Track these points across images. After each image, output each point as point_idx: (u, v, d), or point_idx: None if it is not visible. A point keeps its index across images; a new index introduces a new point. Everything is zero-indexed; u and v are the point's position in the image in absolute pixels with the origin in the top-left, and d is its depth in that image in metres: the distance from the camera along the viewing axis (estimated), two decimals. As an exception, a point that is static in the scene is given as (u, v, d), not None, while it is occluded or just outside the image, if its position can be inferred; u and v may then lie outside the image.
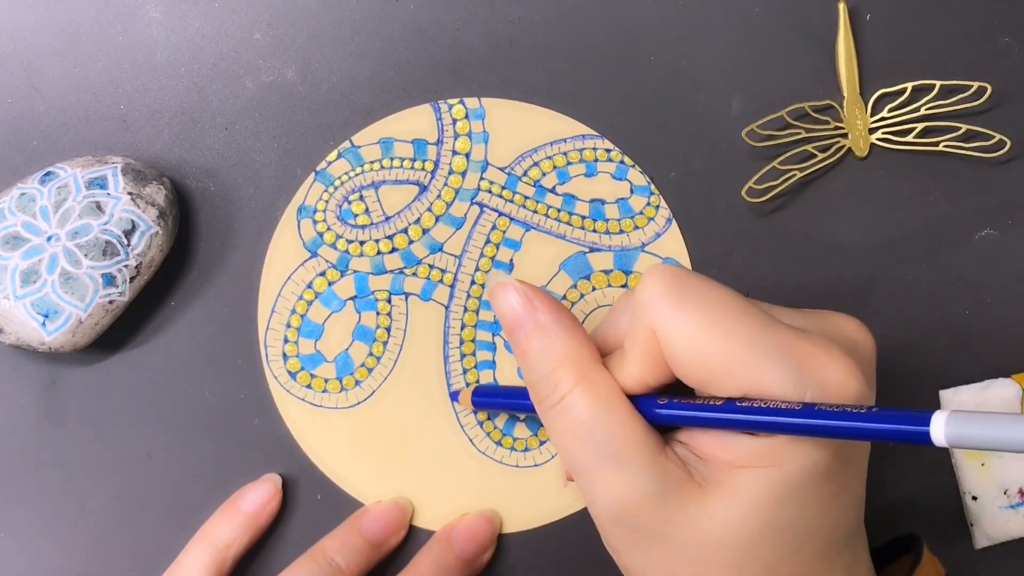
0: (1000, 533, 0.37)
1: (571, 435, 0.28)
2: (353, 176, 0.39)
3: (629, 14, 0.39)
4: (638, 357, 0.28)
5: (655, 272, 0.27)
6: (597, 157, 0.39)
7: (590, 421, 0.28)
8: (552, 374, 0.28)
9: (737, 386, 0.26)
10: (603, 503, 0.28)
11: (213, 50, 0.39)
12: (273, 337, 0.38)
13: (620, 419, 0.27)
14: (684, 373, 0.27)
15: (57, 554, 0.37)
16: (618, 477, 0.27)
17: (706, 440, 0.27)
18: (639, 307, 0.27)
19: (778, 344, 0.26)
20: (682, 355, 0.26)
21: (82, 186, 0.36)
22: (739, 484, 0.26)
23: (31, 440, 0.37)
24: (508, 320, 0.30)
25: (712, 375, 0.26)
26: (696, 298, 0.27)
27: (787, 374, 0.25)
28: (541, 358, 0.29)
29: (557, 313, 0.29)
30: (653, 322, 0.27)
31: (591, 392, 0.28)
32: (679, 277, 0.27)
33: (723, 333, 0.26)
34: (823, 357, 0.26)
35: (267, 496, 0.36)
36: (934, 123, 0.38)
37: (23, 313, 0.34)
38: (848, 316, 0.29)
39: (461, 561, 0.36)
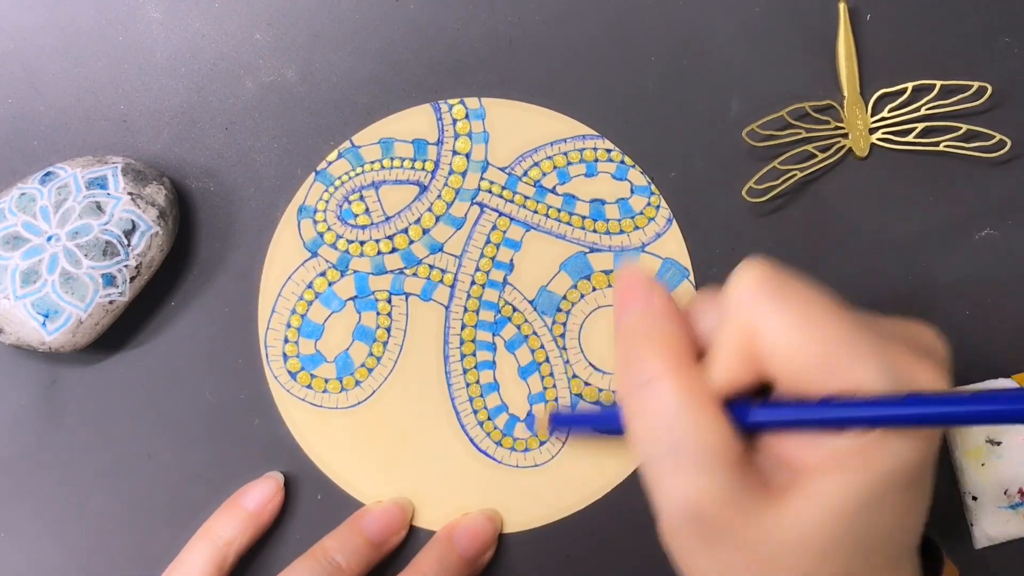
0: (1000, 533, 0.37)
1: (653, 421, 0.27)
2: (353, 176, 0.39)
3: (629, 14, 0.39)
4: (728, 356, 0.27)
5: (748, 269, 0.27)
6: (597, 157, 0.39)
7: (677, 410, 0.27)
8: (649, 354, 0.28)
9: (831, 383, 0.26)
10: (674, 497, 0.27)
11: (213, 50, 0.39)
12: (273, 337, 0.38)
13: (708, 416, 0.27)
14: (778, 370, 0.27)
15: (57, 554, 0.37)
16: (695, 474, 0.27)
17: (790, 443, 0.27)
18: (733, 305, 0.27)
19: (872, 344, 0.26)
20: (779, 351, 0.26)
21: (82, 186, 0.36)
22: (819, 489, 0.26)
23: (31, 440, 0.37)
24: (622, 297, 0.29)
25: (809, 373, 0.26)
26: (792, 295, 0.26)
27: (883, 374, 0.25)
28: (644, 337, 0.28)
29: (671, 303, 0.29)
30: (750, 317, 0.26)
31: (685, 382, 0.27)
32: (774, 274, 0.27)
33: (821, 331, 0.26)
34: (914, 361, 0.26)
35: (269, 494, 0.36)
36: (934, 123, 0.38)
37: (23, 313, 0.34)
38: (924, 324, 0.29)
39: (463, 560, 0.36)
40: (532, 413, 0.37)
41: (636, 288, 0.29)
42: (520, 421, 0.37)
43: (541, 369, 0.38)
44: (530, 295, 0.38)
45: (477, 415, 0.37)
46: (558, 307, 0.38)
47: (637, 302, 0.29)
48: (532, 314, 0.38)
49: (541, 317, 0.38)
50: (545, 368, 0.38)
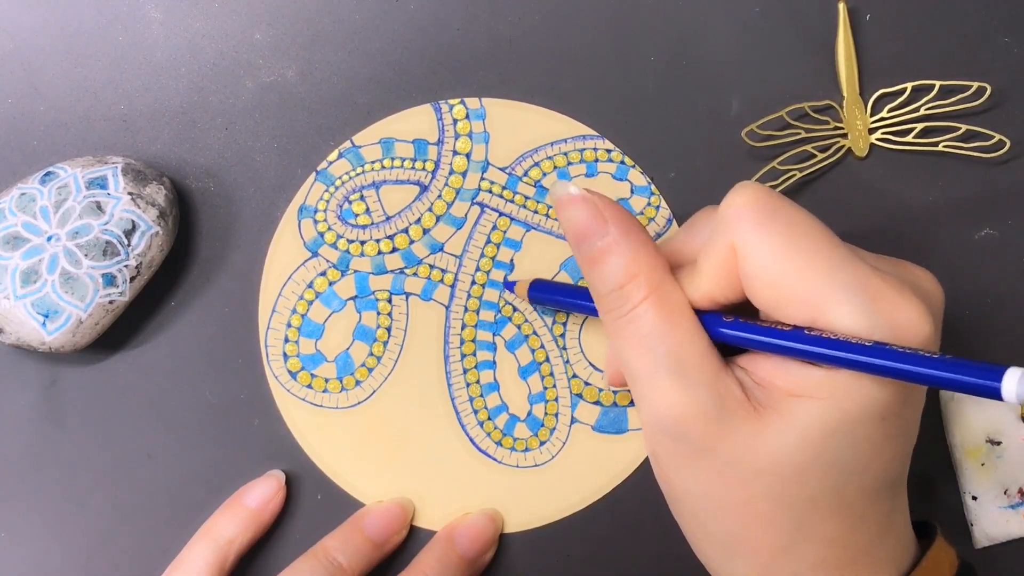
0: (1000, 533, 0.37)
1: (635, 344, 0.28)
2: (354, 176, 0.39)
3: (629, 14, 0.39)
4: (712, 271, 0.27)
5: (743, 188, 0.27)
6: (597, 157, 0.39)
7: (656, 331, 0.27)
8: (624, 287, 0.28)
9: (807, 314, 0.26)
10: (657, 412, 0.28)
11: (213, 50, 0.39)
12: (274, 337, 0.38)
13: (685, 331, 0.27)
14: (755, 293, 0.27)
15: (57, 554, 0.37)
16: (676, 388, 0.27)
17: (767, 365, 0.27)
18: (722, 221, 0.27)
19: (855, 279, 0.26)
20: (758, 273, 0.26)
21: (82, 186, 0.36)
22: (794, 413, 0.26)
23: (31, 440, 0.37)
24: (576, 233, 0.29)
25: (784, 299, 0.26)
26: (782, 219, 0.26)
27: (859, 310, 0.25)
28: (613, 272, 0.28)
29: (628, 224, 0.29)
30: (734, 237, 0.27)
31: (660, 303, 0.28)
32: (767, 195, 0.27)
33: (803, 258, 0.26)
34: (897, 298, 0.26)
35: (270, 492, 0.36)
36: (934, 123, 0.38)
37: (23, 313, 0.34)
38: (922, 268, 0.29)
39: (464, 560, 0.36)
40: (512, 281, 0.37)
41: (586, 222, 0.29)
42: (520, 421, 0.37)
43: (541, 369, 0.38)
44: (530, 295, 0.38)
45: (477, 415, 0.37)
46: (558, 307, 0.38)
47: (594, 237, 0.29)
48: (532, 314, 0.38)
49: (541, 317, 0.38)
50: (545, 368, 0.38)
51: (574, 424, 0.37)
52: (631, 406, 0.37)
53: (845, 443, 0.26)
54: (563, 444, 0.37)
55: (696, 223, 0.31)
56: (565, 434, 0.37)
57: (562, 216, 0.30)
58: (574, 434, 0.37)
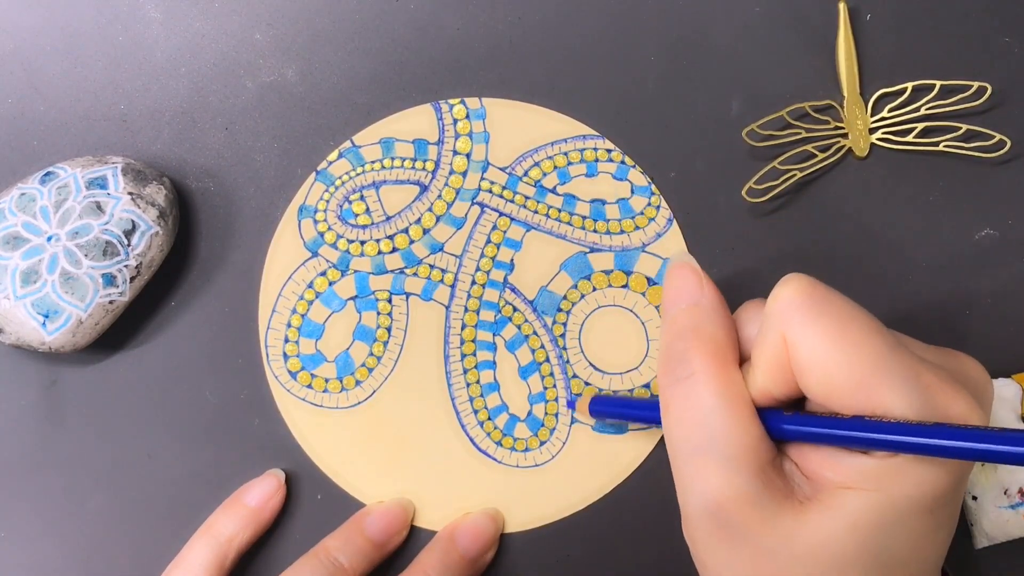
0: (1000, 533, 0.37)
1: (689, 414, 0.28)
2: (354, 176, 0.39)
3: (629, 14, 0.39)
4: (766, 365, 0.27)
5: (790, 281, 0.27)
6: (598, 157, 0.39)
7: (712, 407, 0.27)
8: (691, 349, 0.28)
9: (862, 404, 0.26)
10: (700, 492, 0.27)
11: (213, 50, 0.39)
12: (274, 337, 0.38)
13: (742, 416, 0.27)
14: (808, 384, 0.27)
15: (57, 554, 0.37)
16: (723, 471, 0.27)
17: (816, 457, 0.27)
18: (771, 315, 0.27)
19: (907, 369, 0.26)
20: (810, 364, 0.26)
21: (82, 186, 0.36)
22: (842, 503, 0.26)
23: (31, 440, 0.37)
24: (673, 291, 0.30)
25: (837, 388, 0.26)
26: (830, 310, 0.27)
27: (912, 400, 0.25)
28: (689, 332, 0.29)
29: (720, 303, 0.30)
30: (785, 331, 0.27)
31: (724, 381, 0.28)
32: (814, 287, 0.27)
33: (855, 349, 0.26)
34: (948, 390, 0.26)
35: (270, 491, 0.36)
36: (934, 123, 0.38)
37: (23, 313, 0.34)
38: (970, 357, 0.29)
39: (465, 560, 0.36)
40: (574, 395, 0.37)
41: (688, 283, 0.30)
42: (520, 421, 0.37)
43: (541, 369, 0.38)
44: (530, 295, 0.38)
45: (477, 415, 0.37)
46: (558, 307, 0.38)
47: (687, 297, 0.30)
48: (532, 314, 0.38)
49: (541, 317, 0.38)
50: (545, 368, 0.38)
51: (574, 424, 0.37)
52: (631, 406, 0.37)
53: (893, 534, 0.26)
54: (563, 444, 0.37)
55: (742, 317, 0.31)
56: (565, 434, 0.37)
57: (668, 279, 0.31)
58: (574, 434, 0.37)
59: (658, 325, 0.38)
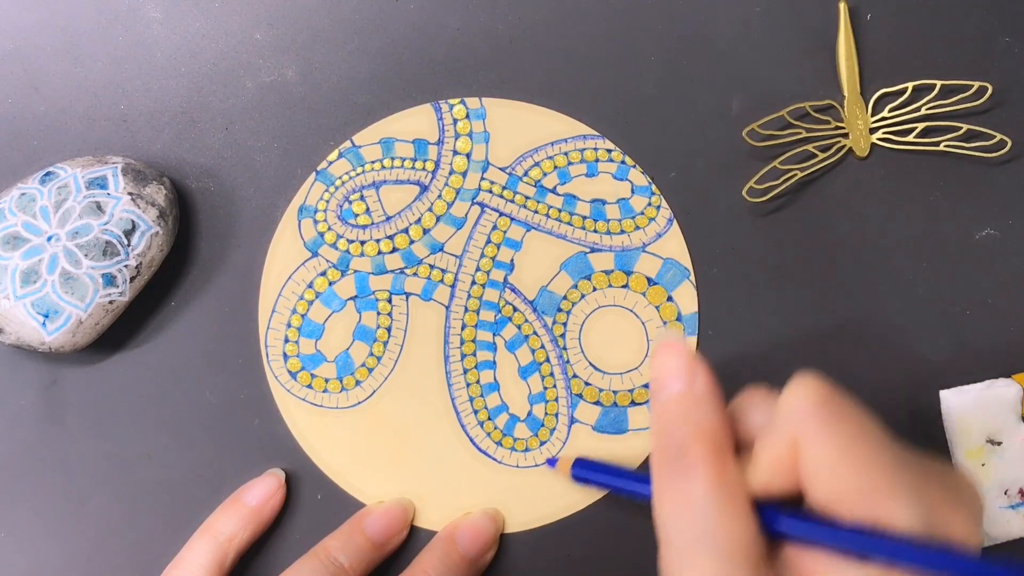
0: (1000, 533, 0.37)
1: (683, 507, 0.28)
2: (354, 176, 0.39)
3: (629, 14, 0.39)
4: (771, 463, 0.27)
5: (805, 383, 0.27)
6: (598, 157, 0.39)
7: (710, 502, 0.27)
8: (688, 442, 0.28)
9: (867, 513, 0.26)
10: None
11: (213, 50, 0.39)
12: (274, 337, 0.38)
13: (739, 512, 0.27)
14: (815, 488, 0.27)
15: (57, 554, 0.37)
16: (715, 567, 0.27)
17: (812, 562, 0.27)
18: (785, 415, 0.27)
19: (913, 484, 0.26)
20: (820, 470, 0.26)
21: (82, 186, 0.36)
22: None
23: (31, 440, 0.37)
24: (663, 374, 0.29)
25: (845, 496, 0.26)
26: (845, 420, 0.27)
27: (917, 511, 0.25)
28: (684, 422, 0.28)
29: (714, 388, 0.29)
30: (798, 433, 0.27)
31: (722, 475, 0.27)
32: (831, 395, 0.27)
33: (866, 460, 0.26)
34: (950, 509, 0.26)
35: (270, 490, 0.36)
36: (935, 123, 0.38)
37: (23, 313, 0.34)
38: (963, 474, 0.29)
39: (465, 560, 0.36)
40: (555, 457, 0.37)
41: (678, 364, 0.29)
42: (520, 421, 0.37)
43: (541, 369, 0.38)
44: (531, 295, 0.38)
45: (477, 415, 0.37)
46: (558, 307, 0.38)
47: (679, 380, 0.29)
48: (532, 314, 0.38)
49: (541, 317, 0.38)
50: (545, 368, 0.38)
51: (574, 424, 0.37)
52: (631, 406, 0.37)
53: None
54: (563, 444, 0.37)
55: (744, 404, 0.30)
56: (565, 434, 0.37)
57: (655, 359, 0.30)
58: (574, 434, 0.37)
59: (658, 325, 0.38)
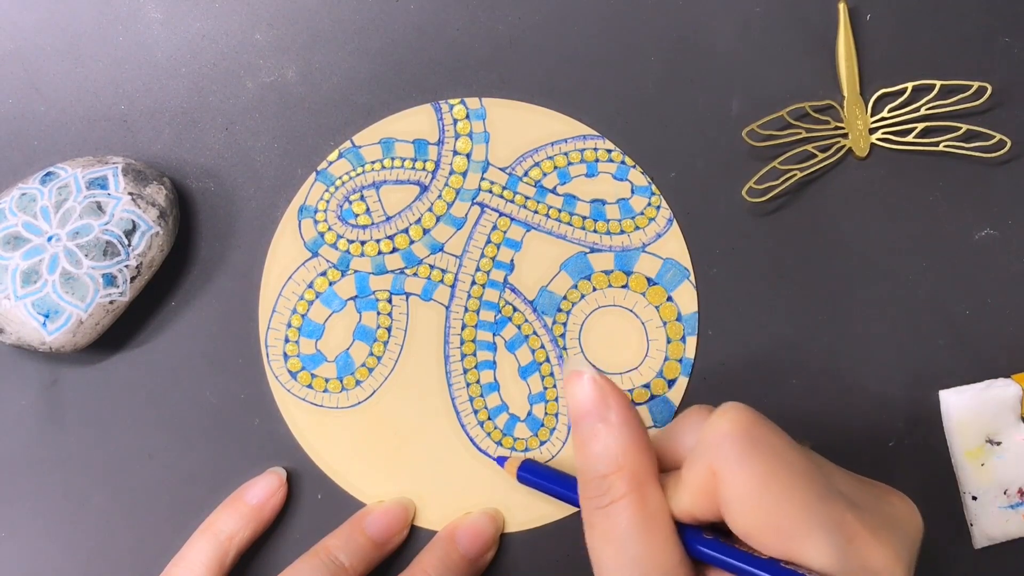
0: (1000, 533, 0.37)
1: (608, 540, 0.28)
2: (354, 176, 0.39)
3: (629, 14, 0.39)
4: (692, 490, 0.28)
5: (728, 412, 0.27)
6: (598, 157, 0.39)
7: (631, 533, 0.28)
8: (608, 476, 0.28)
9: (783, 547, 0.26)
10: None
11: (213, 50, 0.39)
12: (274, 337, 0.38)
13: (660, 540, 0.28)
14: (733, 519, 0.27)
15: (57, 554, 0.37)
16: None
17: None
18: (705, 444, 0.27)
19: (831, 518, 0.26)
20: (736, 501, 0.27)
21: (83, 186, 0.36)
22: None
23: (31, 440, 0.37)
24: (577, 409, 0.29)
25: (760, 529, 0.26)
26: (764, 450, 0.27)
27: (833, 549, 0.26)
28: (601, 458, 0.29)
29: (628, 414, 0.29)
30: (716, 463, 0.27)
31: (640, 505, 0.28)
32: (753, 424, 0.27)
33: (783, 492, 0.26)
34: (871, 540, 0.26)
35: (271, 489, 0.36)
36: (934, 123, 0.38)
37: (24, 313, 0.34)
38: (902, 495, 0.29)
39: (465, 560, 0.36)
40: (503, 457, 0.37)
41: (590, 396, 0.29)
42: (520, 421, 0.37)
43: (541, 369, 0.38)
44: (530, 295, 0.38)
45: (477, 415, 0.37)
46: (558, 307, 0.38)
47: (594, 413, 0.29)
48: (532, 314, 0.38)
49: (541, 317, 0.38)
50: (545, 368, 0.38)
51: (574, 424, 0.37)
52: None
53: None
54: (563, 444, 0.37)
55: (685, 425, 0.30)
56: (565, 434, 0.37)
57: (568, 391, 0.30)
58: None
59: (658, 325, 0.38)
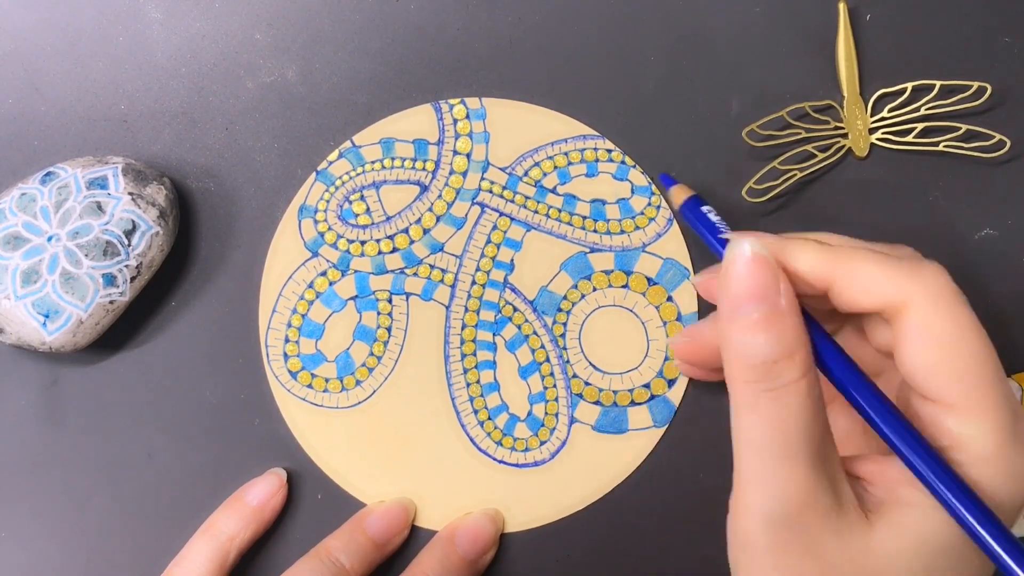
0: (1000, 532, 0.37)
1: (774, 424, 0.27)
2: (354, 176, 0.39)
3: (629, 14, 0.39)
4: (861, 296, 0.28)
5: (941, 269, 0.28)
6: (598, 157, 0.39)
7: (800, 416, 0.27)
8: (781, 361, 0.27)
9: (956, 395, 0.27)
10: (776, 497, 0.27)
11: (213, 50, 0.39)
12: (274, 337, 0.38)
13: (824, 424, 0.28)
14: (914, 354, 0.27)
15: (57, 554, 0.37)
16: (800, 478, 0.27)
17: (895, 474, 0.28)
18: (915, 276, 0.28)
19: (1007, 388, 0.27)
20: (933, 340, 0.27)
21: (83, 186, 0.36)
22: (911, 523, 0.26)
23: (31, 440, 0.37)
24: (743, 291, 0.28)
25: (944, 371, 0.27)
26: (969, 311, 0.28)
27: (1006, 418, 0.26)
28: (775, 343, 0.27)
29: (796, 302, 0.28)
30: (922, 298, 0.27)
31: (812, 391, 0.27)
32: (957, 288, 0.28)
33: (980, 345, 0.27)
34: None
35: (272, 490, 0.36)
36: (934, 123, 0.38)
37: (24, 313, 0.34)
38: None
39: (464, 561, 0.36)
40: (673, 178, 0.35)
41: (766, 282, 0.28)
42: (520, 421, 0.37)
43: (541, 369, 0.38)
44: (531, 295, 0.38)
45: (477, 415, 0.37)
46: (558, 307, 0.38)
47: (767, 300, 0.28)
48: (532, 314, 0.38)
49: (541, 317, 0.38)
50: (545, 368, 0.38)
51: (574, 424, 0.37)
52: (631, 406, 0.37)
53: (955, 557, 0.26)
54: (563, 444, 0.37)
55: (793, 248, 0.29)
56: (565, 434, 0.37)
57: (731, 272, 0.28)
58: (574, 434, 0.37)
59: (658, 325, 0.38)
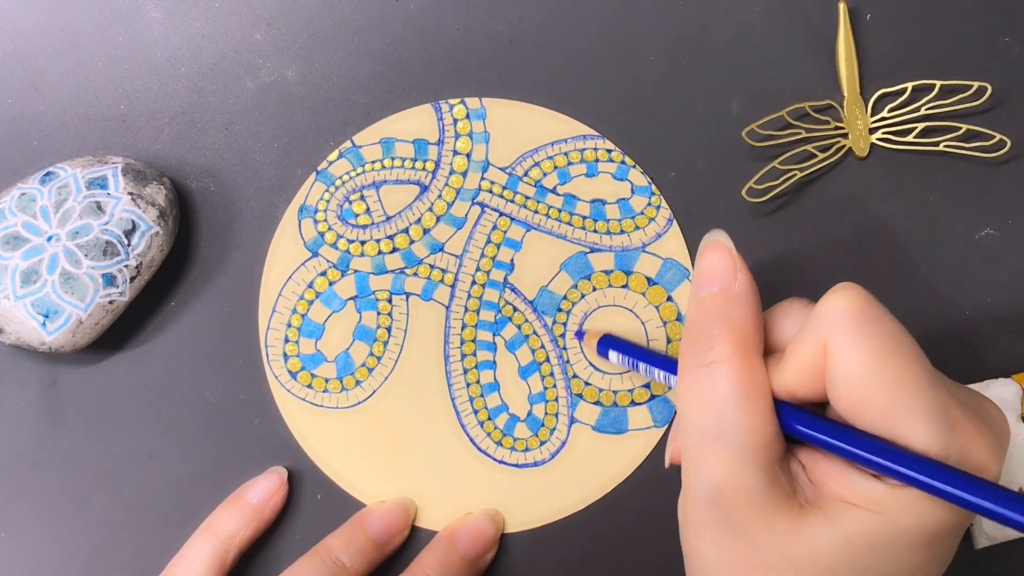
0: (1000, 533, 0.37)
1: (707, 400, 0.28)
2: (354, 176, 0.39)
3: (629, 14, 0.39)
4: (798, 367, 0.27)
5: (844, 290, 0.27)
6: (598, 157, 0.39)
7: (732, 398, 0.27)
8: (718, 336, 0.28)
9: (887, 426, 0.26)
10: (706, 479, 0.27)
11: (213, 50, 0.39)
12: (274, 337, 0.38)
13: (760, 411, 0.27)
14: (839, 396, 0.27)
15: (57, 554, 0.37)
16: (732, 462, 0.27)
17: (827, 467, 0.27)
18: (818, 320, 0.27)
19: (938, 402, 0.26)
20: (846, 378, 0.26)
21: (82, 186, 0.36)
22: (842, 518, 0.26)
23: (31, 440, 0.37)
24: (706, 271, 0.29)
25: (867, 407, 0.26)
26: (879, 328, 0.26)
27: (938, 433, 0.25)
28: (716, 318, 0.28)
29: (752, 290, 0.29)
30: (830, 338, 0.26)
31: (744, 372, 0.28)
32: (869, 303, 0.27)
33: (895, 370, 0.26)
34: (973, 431, 0.26)
35: (272, 488, 0.36)
36: (934, 123, 0.38)
37: (23, 313, 0.34)
38: (991, 401, 0.29)
39: (465, 561, 0.36)
40: (583, 331, 0.37)
41: (721, 265, 0.29)
42: (520, 421, 0.37)
43: (541, 369, 0.38)
44: (531, 295, 0.38)
45: (477, 415, 0.37)
46: (558, 307, 0.38)
47: (720, 280, 0.29)
48: (532, 314, 0.38)
49: (541, 317, 0.38)
50: (545, 368, 0.38)
51: (574, 424, 0.37)
52: (631, 406, 0.37)
53: (887, 559, 0.26)
54: (563, 444, 0.37)
55: (779, 311, 0.30)
56: (565, 434, 0.37)
57: (701, 258, 0.30)
58: (574, 434, 0.37)
59: (658, 325, 0.38)
